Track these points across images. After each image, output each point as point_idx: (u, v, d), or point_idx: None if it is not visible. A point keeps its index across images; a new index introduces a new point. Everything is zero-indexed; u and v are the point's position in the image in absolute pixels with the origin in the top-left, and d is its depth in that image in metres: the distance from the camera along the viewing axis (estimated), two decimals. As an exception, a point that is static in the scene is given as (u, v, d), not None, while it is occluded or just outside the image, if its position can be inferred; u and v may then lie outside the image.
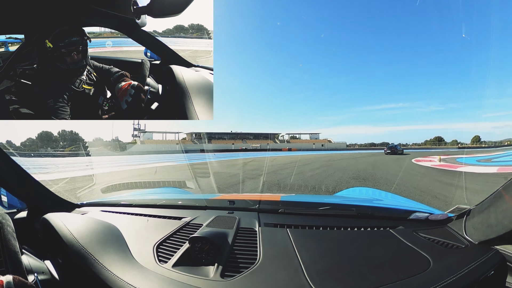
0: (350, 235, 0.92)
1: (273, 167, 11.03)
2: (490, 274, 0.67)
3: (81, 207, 1.30)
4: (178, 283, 0.71)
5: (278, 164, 12.24)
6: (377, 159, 15.54)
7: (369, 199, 1.62)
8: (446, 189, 5.35)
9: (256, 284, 0.70)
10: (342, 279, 0.69)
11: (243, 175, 8.26)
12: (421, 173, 8.18)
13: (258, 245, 0.86)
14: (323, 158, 16.69)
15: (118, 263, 0.77)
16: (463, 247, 0.75)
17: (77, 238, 0.81)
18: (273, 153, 29.52)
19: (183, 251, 0.84)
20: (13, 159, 0.92)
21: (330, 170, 9.60)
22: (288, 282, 0.69)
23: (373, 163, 12.68)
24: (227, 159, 16.57)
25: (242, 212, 1.14)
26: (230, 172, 9.19)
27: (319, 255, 0.80)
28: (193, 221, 1.07)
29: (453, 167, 9.75)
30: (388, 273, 0.70)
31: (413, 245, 0.80)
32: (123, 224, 1.00)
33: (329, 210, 1.10)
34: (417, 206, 1.29)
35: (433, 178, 6.95)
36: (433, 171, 8.86)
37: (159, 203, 1.33)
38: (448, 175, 7.59)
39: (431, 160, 12.73)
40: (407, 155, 19.83)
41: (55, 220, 0.87)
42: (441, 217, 0.89)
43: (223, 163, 13.52)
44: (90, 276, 0.74)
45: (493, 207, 0.70)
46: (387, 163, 12.34)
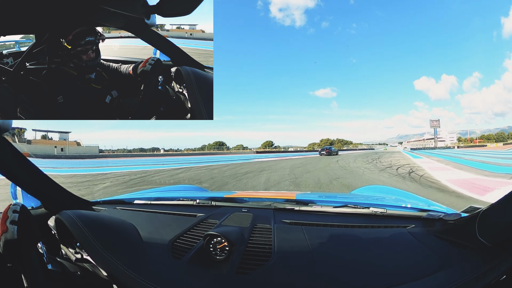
0: (364, 234, 0.92)
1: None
2: (502, 279, 0.65)
3: (96, 205, 1.30)
4: (192, 279, 0.72)
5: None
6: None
7: (384, 197, 1.63)
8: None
9: (269, 281, 0.71)
10: (355, 278, 0.70)
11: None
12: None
13: (273, 243, 0.86)
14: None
15: (133, 260, 0.78)
16: (475, 248, 0.73)
17: (92, 235, 0.81)
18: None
19: (198, 248, 0.85)
20: (28, 159, 0.92)
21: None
22: (301, 280, 0.70)
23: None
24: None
25: (257, 210, 1.15)
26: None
27: (333, 253, 0.81)
28: (209, 219, 1.08)
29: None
30: (400, 273, 0.70)
31: (426, 245, 0.80)
32: (138, 221, 1.01)
33: (344, 209, 1.09)
34: (431, 205, 1.28)
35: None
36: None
37: (175, 200, 1.34)
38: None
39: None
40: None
41: (70, 217, 0.88)
42: (454, 217, 0.88)
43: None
44: (104, 272, 0.74)
45: (508, 208, 0.68)
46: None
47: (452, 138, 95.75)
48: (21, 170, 0.91)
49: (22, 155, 0.90)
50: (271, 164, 16.74)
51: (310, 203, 1.20)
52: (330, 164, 15.00)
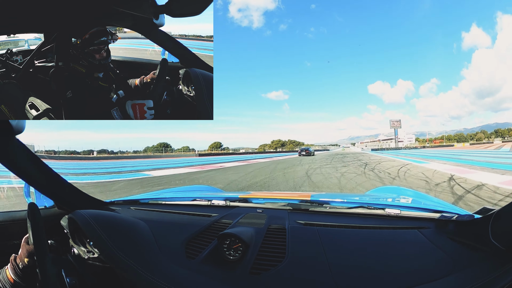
0: (378, 236, 0.91)
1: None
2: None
3: (110, 205, 1.31)
4: (205, 279, 0.72)
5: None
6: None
7: (398, 198, 1.61)
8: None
9: (282, 281, 0.70)
10: (368, 280, 0.69)
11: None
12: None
13: (287, 244, 0.86)
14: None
15: (146, 259, 0.77)
16: (488, 251, 0.71)
17: (105, 234, 0.81)
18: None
19: (211, 248, 0.85)
20: (41, 159, 0.93)
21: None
22: (314, 281, 0.70)
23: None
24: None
25: (271, 210, 1.14)
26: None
27: (347, 255, 0.80)
28: (223, 219, 1.07)
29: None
30: (413, 276, 0.69)
31: (439, 247, 0.79)
32: (152, 221, 1.01)
33: (359, 209, 1.08)
34: (445, 206, 1.26)
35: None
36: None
37: (189, 200, 1.34)
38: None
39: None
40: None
41: (83, 216, 0.88)
42: (467, 218, 0.85)
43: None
44: (117, 272, 0.74)
45: None
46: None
47: (411, 139, 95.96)
48: (34, 170, 0.92)
49: (36, 156, 0.91)
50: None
51: (324, 204, 1.19)
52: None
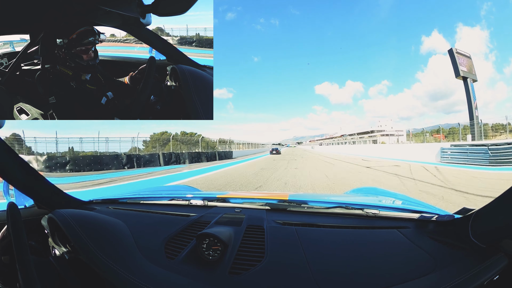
0: (357, 235, 0.92)
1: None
2: (495, 279, 0.65)
3: (89, 204, 1.29)
4: (185, 279, 0.72)
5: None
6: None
7: (377, 198, 1.62)
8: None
9: (262, 281, 0.71)
10: (348, 279, 0.70)
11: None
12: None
13: (266, 243, 0.86)
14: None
15: (126, 259, 0.77)
16: (468, 249, 0.73)
17: (84, 234, 0.81)
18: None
19: (190, 248, 0.84)
20: (20, 157, 0.91)
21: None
22: (294, 280, 0.70)
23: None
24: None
25: (250, 210, 1.15)
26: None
27: (326, 254, 0.81)
28: (201, 219, 1.07)
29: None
30: (394, 274, 0.70)
31: (419, 247, 0.80)
32: (131, 221, 1.00)
33: (337, 209, 1.09)
34: (425, 207, 1.28)
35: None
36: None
37: (168, 200, 1.33)
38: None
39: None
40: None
41: (62, 216, 0.87)
42: (447, 218, 0.88)
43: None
44: (97, 272, 0.73)
45: (501, 209, 0.68)
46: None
47: (354, 138, 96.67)
48: (14, 168, 0.90)
49: (15, 153, 0.89)
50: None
51: (302, 204, 1.19)
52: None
